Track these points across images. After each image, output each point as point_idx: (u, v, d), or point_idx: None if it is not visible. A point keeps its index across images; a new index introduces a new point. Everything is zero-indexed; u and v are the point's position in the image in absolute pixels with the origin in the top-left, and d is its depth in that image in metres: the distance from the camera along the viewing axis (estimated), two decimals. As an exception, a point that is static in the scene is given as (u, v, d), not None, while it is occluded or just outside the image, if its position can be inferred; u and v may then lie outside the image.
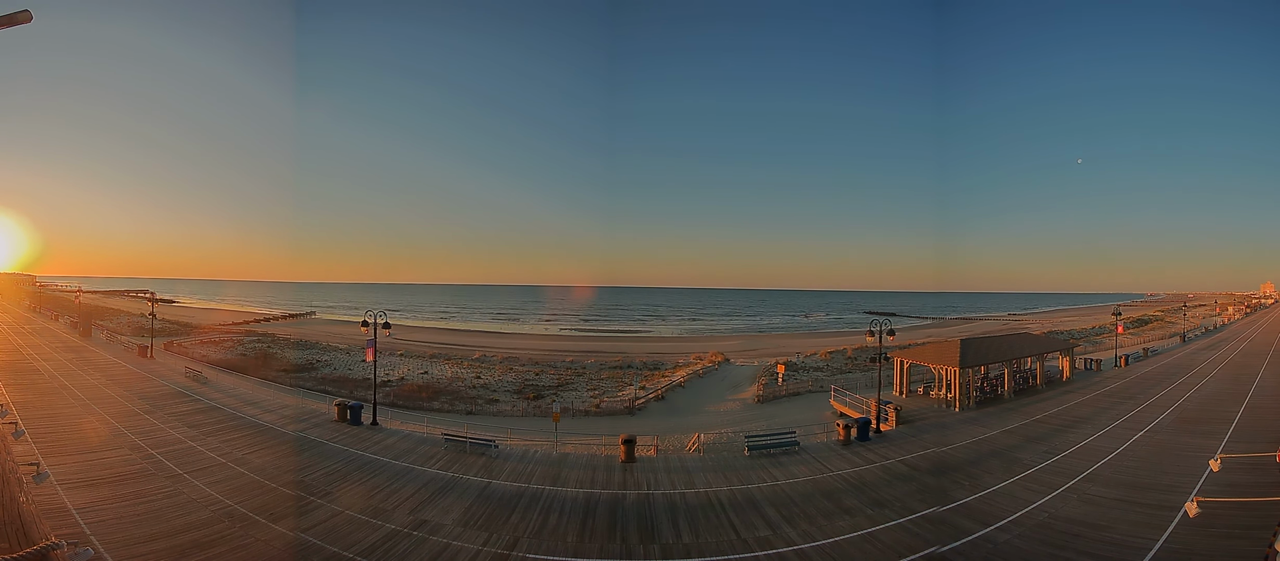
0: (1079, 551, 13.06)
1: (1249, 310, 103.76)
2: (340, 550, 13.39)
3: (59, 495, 14.73)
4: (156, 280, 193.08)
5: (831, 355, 56.93)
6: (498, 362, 52.66)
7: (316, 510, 15.74)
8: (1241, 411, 26.07)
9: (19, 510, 10.08)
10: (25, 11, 7.99)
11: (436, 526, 15.05)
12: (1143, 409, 27.43)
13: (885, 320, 28.33)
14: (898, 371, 34.80)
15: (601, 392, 40.32)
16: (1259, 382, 33.12)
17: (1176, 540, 13.10)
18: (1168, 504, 15.15)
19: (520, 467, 20.67)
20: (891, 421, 26.34)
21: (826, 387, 38.33)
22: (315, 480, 18.22)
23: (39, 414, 22.97)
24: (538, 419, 33.08)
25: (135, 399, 27.61)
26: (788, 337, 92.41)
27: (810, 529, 15.02)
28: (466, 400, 37.02)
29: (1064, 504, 15.95)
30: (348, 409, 26.45)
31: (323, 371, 45.41)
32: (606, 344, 78.76)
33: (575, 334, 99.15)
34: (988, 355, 33.33)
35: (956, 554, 13.41)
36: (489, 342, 73.54)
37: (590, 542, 14.57)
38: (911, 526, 15.04)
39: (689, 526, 15.54)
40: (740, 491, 18.21)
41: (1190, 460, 18.85)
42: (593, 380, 45.15)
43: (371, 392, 29.48)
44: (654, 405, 36.68)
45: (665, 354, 61.86)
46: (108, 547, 12.35)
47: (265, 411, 27.39)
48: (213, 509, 15.06)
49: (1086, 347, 56.31)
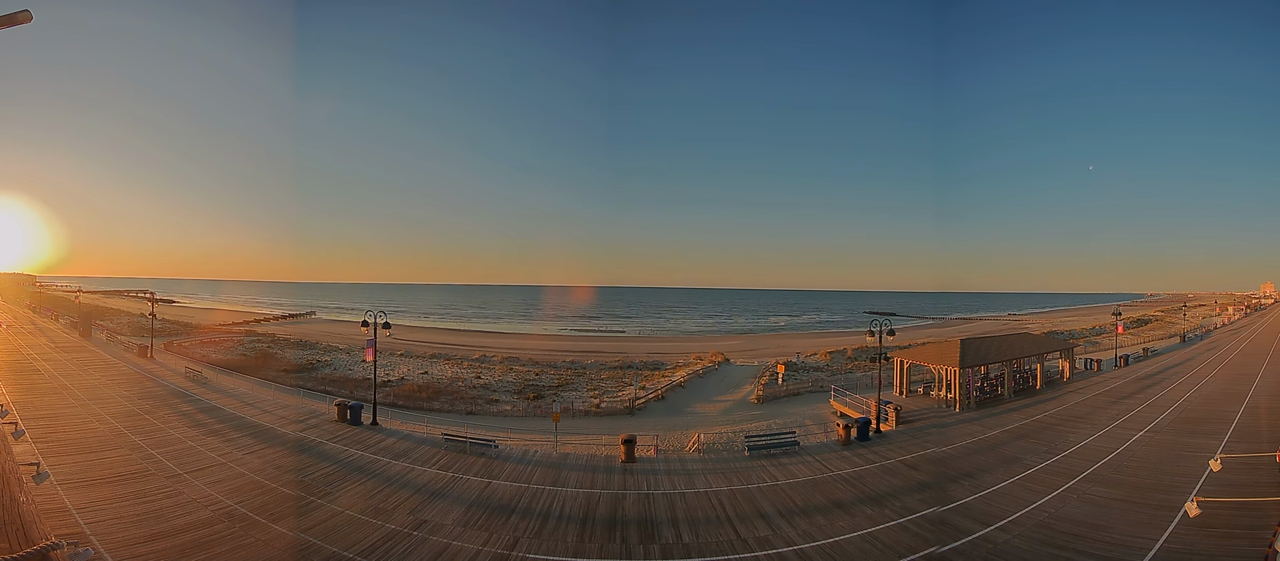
0: (1079, 551, 13.06)
1: (1248, 310, 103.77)
2: (340, 550, 13.39)
3: (59, 495, 14.73)
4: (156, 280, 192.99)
5: (831, 355, 56.92)
6: (498, 362, 52.65)
7: (316, 510, 15.75)
8: (1241, 411, 26.07)
9: (19, 510, 10.08)
10: (25, 11, 8.01)
11: (436, 526, 15.05)
12: (1143, 409, 27.43)
13: (885, 320, 28.33)
14: (898, 371, 34.81)
15: (601, 393, 40.32)
16: (1259, 383, 33.12)
17: (1176, 540, 13.10)
18: (1168, 504, 15.15)
19: (520, 468, 20.68)
20: (891, 421, 26.35)
21: (826, 387, 38.33)
22: (315, 480, 18.22)
23: (39, 414, 22.98)
24: (538, 419, 33.09)
25: (135, 399, 27.62)
26: (788, 337, 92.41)
27: (810, 529, 15.03)
28: (466, 400, 37.01)
29: (1064, 504, 15.96)
30: (348, 409, 26.45)
31: (323, 371, 45.40)
32: (606, 344, 78.76)
33: (575, 334, 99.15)
34: (988, 355, 33.33)
35: (956, 554, 13.42)
36: (489, 342, 73.53)
37: (590, 543, 14.57)
38: (911, 526, 15.04)
39: (689, 526, 15.55)
40: (740, 491, 18.21)
41: (1190, 460, 18.86)
42: (593, 380, 45.15)
43: (372, 392, 29.48)
44: (654, 405, 36.67)
45: (665, 354, 61.84)
46: (108, 547, 12.36)
47: (265, 411, 27.40)
48: (213, 509, 15.07)
49: (1086, 347, 56.35)
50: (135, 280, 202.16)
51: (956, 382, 30.56)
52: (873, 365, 28.65)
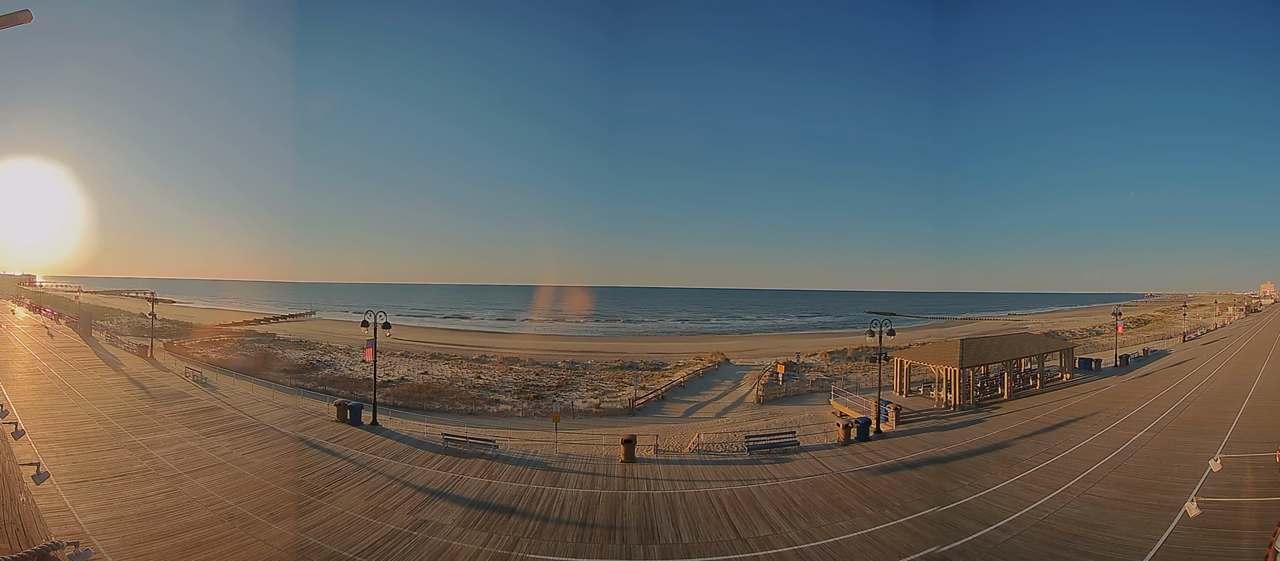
0: (1079, 551, 13.06)
1: (1248, 310, 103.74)
2: (340, 550, 13.40)
3: (59, 495, 14.73)
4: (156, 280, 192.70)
5: (831, 355, 56.91)
6: (498, 363, 52.63)
7: (316, 510, 15.75)
8: (1241, 411, 26.05)
9: (19, 510, 10.09)
10: (25, 11, 8.01)
11: (436, 526, 15.05)
12: (1143, 409, 27.42)
13: (885, 320, 28.33)
14: (898, 371, 34.81)
15: (601, 393, 40.33)
16: (1259, 383, 33.11)
17: (1176, 540, 13.10)
18: (1168, 504, 15.15)
19: (520, 468, 20.69)
20: (891, 421, 26.35)
21: (826, 388, 38.35)
22: (315, 480, 18.23)
23: (39, 414, 22.99)
24: (538, 419, 33.09)
25: (135, 399, 27.63)
26: (788, 338, 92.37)
27: (810, 529, 15.03)
28: (467, 400, 37.01)
29: (1064, 504, 15.96)
30: (348, 409, 26.46)
31: (323, 371, 45.39)
32: (606, 344, 78.78)
33: (575, 334, 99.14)
34: (987, 355, 33.34)
35: (956, 554, 13.42)
36: (489, 342, 73.50)
37: (590, 543, 14.57)
38: (911, 526, 15.04)
39: (689, 526, 15.55)
40: (740, 491, 18.21)
41: (1190, 460, 18.84)
42: (593, 380, 45.16)
43: (372, 393, 29.49)
44: (654, 405, 36.68)
45: (665, 354, 61.83)
46: (108, 547, 12.36)
47: (265, 411, 27.40)
48: (213, 509, 15.07)
49: (1086, 348, 56.31)
50: (135, 280, 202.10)
51: (956, 382, 30.57)
52: (872, 365, 28.65)
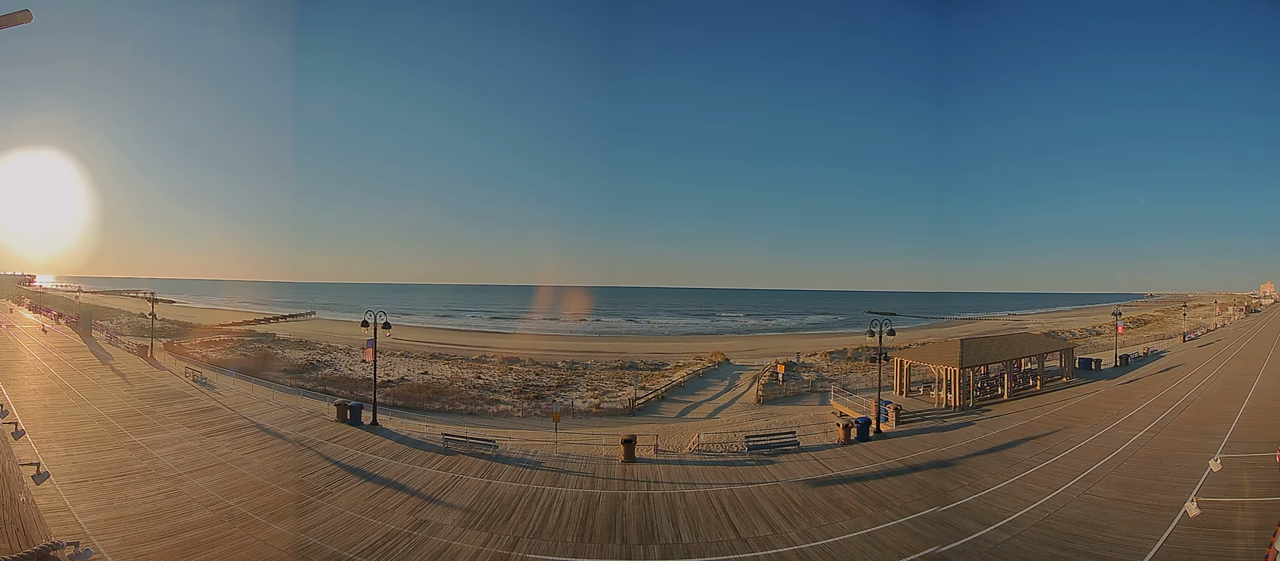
0: (1079, 551, 13.07)
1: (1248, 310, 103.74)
2: (340, 550, 13.40)
3: (59, 495, 14.74)
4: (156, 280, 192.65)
5: (831, 355, 56.91)
6: (498, 363, 52.62)
7: (316, 510, 15.75)
8: (1241, 412, 26.06)
9: (19, 510, 10.10)
10: (25, 11, 8.01)
11: (436, 526, 15.06)
12: (1142, 409, 27.42)
13: (885, 320, 28.33)
14: (898, 371, 34.81)
15: (601, 393, 40.33)
16: (1259, 383, 33.11)
17: (1176, 540, 13.11)
18: (1168, 504, 15.16)
19: (520, 468, 20.68)
20: (891, 421, 26.35)
21: (826, 387, 38.35)
22: (315, 480, 18.23)
23: (39, 414, 23.00)
24: (538, 419, 33.09)
25: (135, 399, 27.63)
26: (788, 338, 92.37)
27: (810, 529, 15.03)
28: (466, 400, 37.00)
29: (1064, 504, 15.97)
30: (348, 409, 26.45)
31: (323, 371, 45.39)
32: (606, 344, 78.74)
33: (575, 334, 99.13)
34: (987, 355, 33.34)
35: (956, 554, 13.43)
36: (489, 343, 73.49)
37: (590, 542, 14.58)
38: (911, 526, 15.05)
39: (689, 526, 15.55)
40: (740, 491, 18.21)
41: (1190, 460, 18.85)
42: (593, 380, 45.16)
43: (372, 393, 29.48)
44: (654, 405, 36.69)
45: (665, 354, 61.83)
46: (108, 548, 12.37)
47: (265, 411, 27.40)
48: (213, 509, 15.08)
49: (1086, 348, 56.30)
50: (135, 280, 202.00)
51: (956, 383, 30.56)
52: (872, 365, 28.65)
